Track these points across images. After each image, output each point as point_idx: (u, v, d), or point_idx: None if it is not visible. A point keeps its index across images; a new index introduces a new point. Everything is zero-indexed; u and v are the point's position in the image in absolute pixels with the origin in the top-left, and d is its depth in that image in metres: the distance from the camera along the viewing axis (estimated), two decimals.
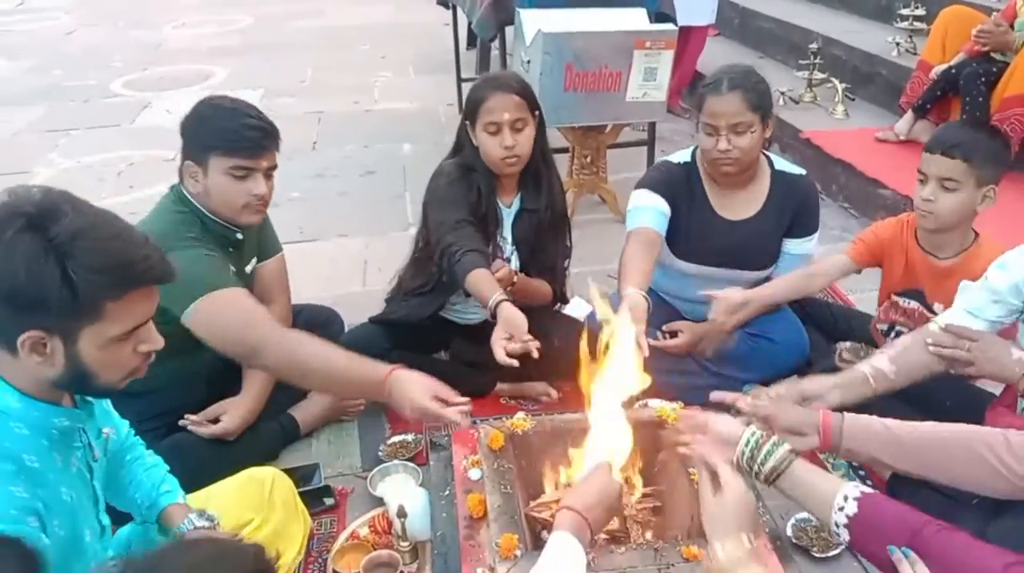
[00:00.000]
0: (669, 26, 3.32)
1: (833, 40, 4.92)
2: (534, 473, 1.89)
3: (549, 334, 2.50)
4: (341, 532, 2.08)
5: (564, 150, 3.81)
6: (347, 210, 4.11)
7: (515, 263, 2.47)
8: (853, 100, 4.60)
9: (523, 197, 2.46)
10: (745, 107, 2.20)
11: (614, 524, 1.74)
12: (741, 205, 2.42)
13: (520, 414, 2.01)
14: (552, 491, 1.83)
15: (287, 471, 2.24)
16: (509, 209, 2.47)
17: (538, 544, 1.77)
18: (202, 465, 2.01)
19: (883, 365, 1.87)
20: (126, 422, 1.72)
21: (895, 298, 2.29)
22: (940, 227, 2.10)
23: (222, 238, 2.12)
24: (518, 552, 1.61)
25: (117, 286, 1.24)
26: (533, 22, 3.27)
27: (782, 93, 4.66)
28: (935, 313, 2.17)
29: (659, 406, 2.00)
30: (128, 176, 4.55)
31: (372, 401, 2.45)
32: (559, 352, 2.44)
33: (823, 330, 2.55)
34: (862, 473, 2.20)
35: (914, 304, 2.24)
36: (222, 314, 1.96)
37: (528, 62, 3.34)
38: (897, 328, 2.31)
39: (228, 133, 1.99)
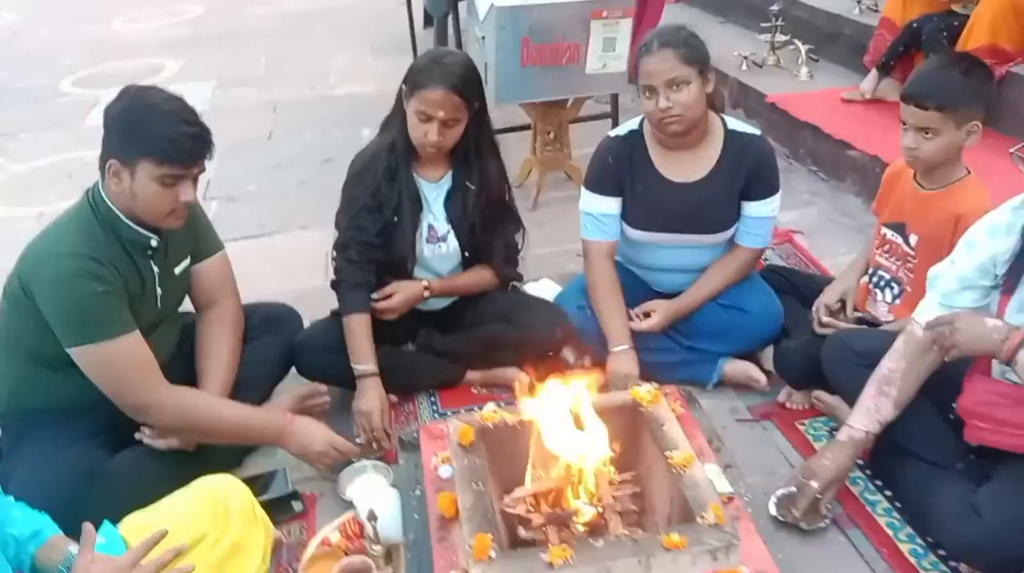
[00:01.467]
0: None
1: (795, 2, 4.84)
2: (508, 467, 1.81)
3: (513, 317, 2.44)
4: (311, 539, 2.00)
5: (526, 127, 3.72)
6: (307, 201, 3.99)
7: (452, 243, 2.40)
8: (817, 61, 4.54)
9: (456, 173, 2.38)
10: (678, 61, 2.16)
11: (592, 515, 1.67)
12: (690, 167, 2.35)
13: (490, 405, 1.94)
14: (528, 484, 1.76)
15: (251, 479, 2.15)
16: (437, 184, 2.39)
17: (515, 541, 1.71)
18: (159, 478, 1.92)
19: (889, 415, 1.88)
20: None
21: (883, 230, 2.24)
22: (928, 168, 2.10)
23: (135, 244, 2.01)
24: (492, 553, 1.54)
25: None
26: None
27: (745, 57, 4.59)
28: (911, 247, 2.14)
29: (632, 389, 1.93)
30: (80, 177, 4.37)
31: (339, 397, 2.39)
32: (527, 334, 2.40)
33: (796, 296, 2.49)
34: None
35: (897, 238, 2.20)
36: (112, 366, 1.95)
37: (483, 38, 3.24)
38: (880, 273, 2.25)
39: (164, 141, 1.86)
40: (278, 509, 2.10)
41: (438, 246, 2.39)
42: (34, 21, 8.33)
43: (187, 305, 2.33)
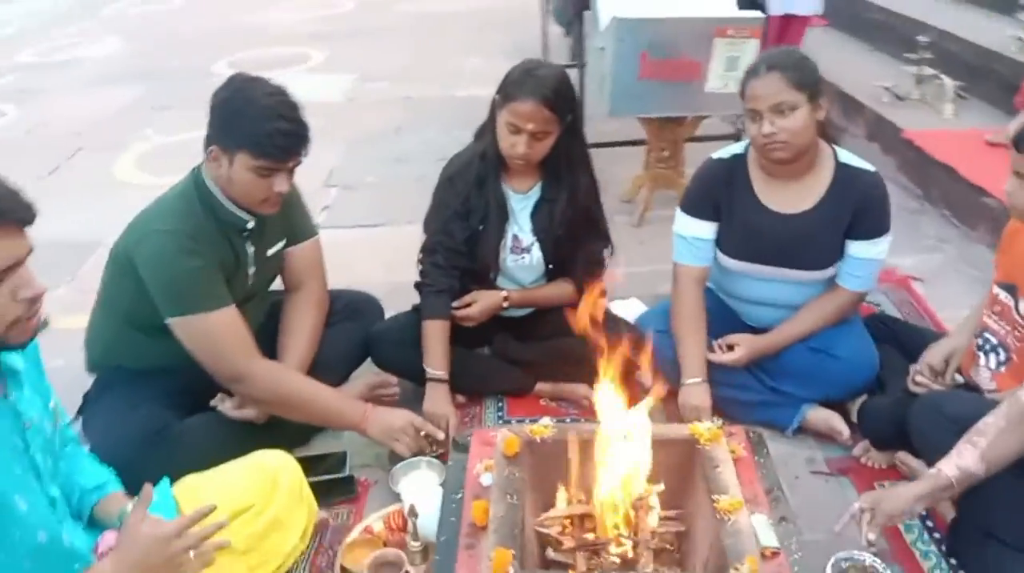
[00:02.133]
0: (755, 13, 3.11)
1: (947, 33, 4.54)
2: (552, 483, 1.77)
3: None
4: (356, 525, 2.03)
5: (640, 142, 3.66)
6: (419, 197, 4.04)
7: (536, 254, 2.37)
8: (965, 99, 4.24)
9: (545, 185, 2.35)
10: (786, 85, 2.05)
11: (625, 547, 1.61)
12: (793, 197, 2.23)
13: (545, 420, 1.90)
14: (564, 505, 1.71)
15: (313, 457, 2.22)
16: (525, 195, 2.37)
17: (544, 562, 1.67)
18: (224, 446, 2.00)
19: (971, 465, 1.67)
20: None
21: (995, 289, 2.03)
22: None
23: (231, 225, 2.10)
24: (511, 569, 1.51)
25: None
26: (609, 7, 3.12)
27: (886, 89, 4.34)
28: (1020, 314, 1.94)
29: (693, 424, 1.85)
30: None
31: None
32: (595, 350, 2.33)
33: (898, 346, 2.32)
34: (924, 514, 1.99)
35: (1009, 300, 1.98)
36: (209, 337, 2.03)
37: (602, 49, 3.20)
38: (987, 336, 2.05)
39: (260, 136, 1.93)
40: (332, 490, 2.15)
41: (522, 257, 2.38)
42: (198, 6, 8.89)
43: (277, 283, 2.41)
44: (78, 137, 5.05)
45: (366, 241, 3.67)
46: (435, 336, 2.31)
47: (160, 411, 2.08)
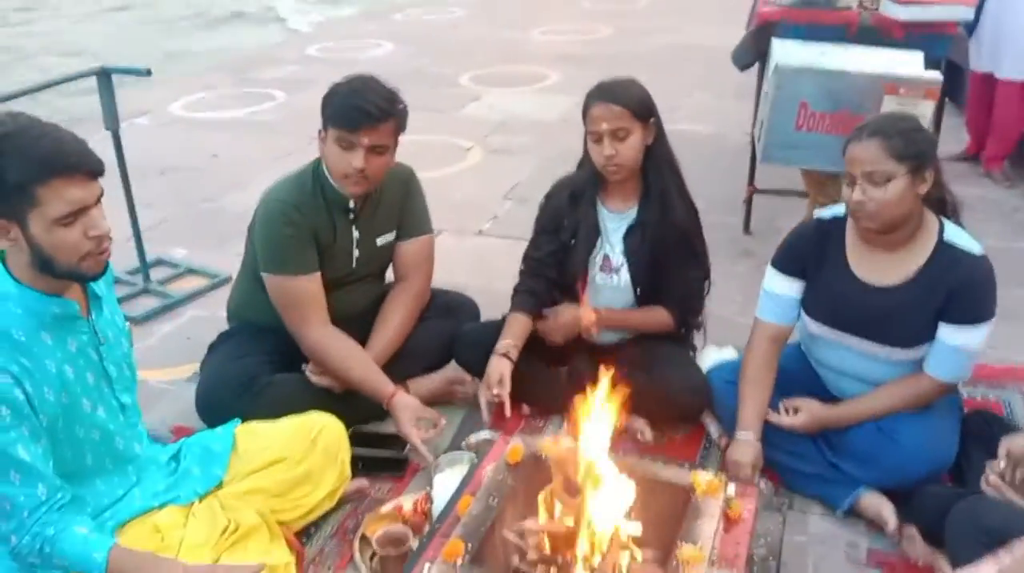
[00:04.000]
0: (933, 74, 2.89)
1: None
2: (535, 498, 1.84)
3: (654, 367, 2.40)
4: (390, 501, 2.22)
5: (803, 194, 3.53)
6: None
7: (624, 276, 2.43)
8: None
9: (640, 209, 2.40)
10: (884, 154, 1.95)
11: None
12: (885, 270, 2.11)
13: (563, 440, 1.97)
14: (538, 521, 1.78)
15: (380, 435, 2.44)
16: (620, 215, 2.43)
17: (509, 569, 1.75)
18: (299, 406, 2.24)
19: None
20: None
21: None
22: None
23: (335, 202, 2.38)
24: (459, 561, 1.62)
25: (42, 172, 1.52)
26: (780, 53, 3.07)
27: None
28: None
29: (697, 472, 1.83)
30: (423, 158, 5.06)
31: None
32: (654, 388, 2.35)
33: (983, 442, 2.10)
34: None
35: None
36: (284, 296, 2.35)
37: (766, 93, 3.15)
38: None
39: (338, 108, 2.25)
40: (383, 466, 2.36)
41: (611, 277, 2.46)
42: (472, 19, 9.61)
43: None
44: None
45: (509, 251, 3.86)
46: (512, 322, 2.46)
47: (256, 365, 2.40)
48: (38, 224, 1.55)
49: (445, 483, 2.16)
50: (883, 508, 2.08)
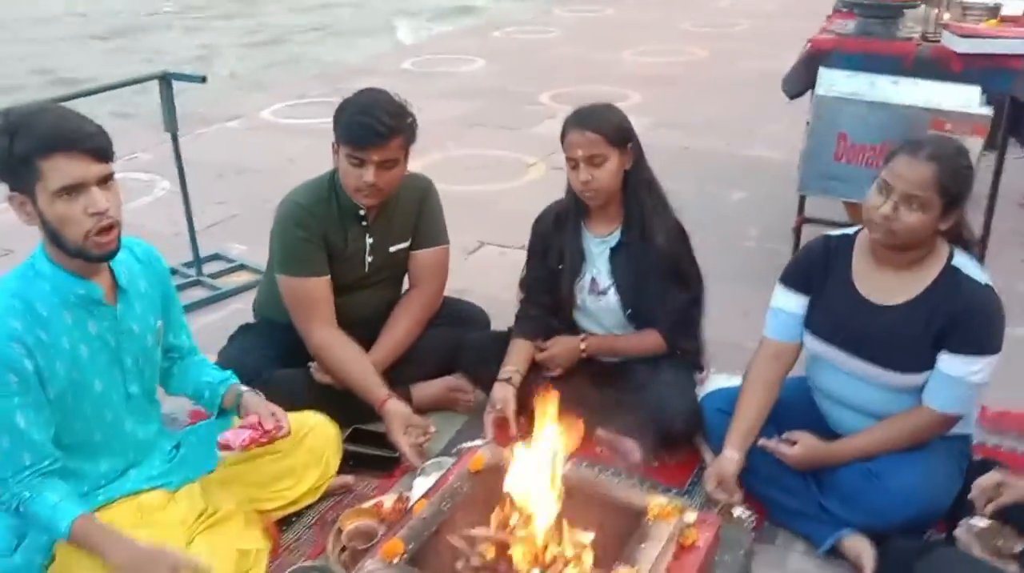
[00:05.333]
0: (982, 109, 2.77)
1: None
2: (491, 507, 1.86)
3: (644, 389, 2.39)
4: (373, 498, 2.27)
5: (847, 225, 3.41)
6: None
7: (612, 297, 2.44)
8: None
9: (623, 231, 2.41)
10: (933, 183, 1.91)
11: None
12: (888, 289, 2.07)
13: (517, 447, 1.97)
14: (486, 529, 1.80)
15: (375, 432, 2.50)
16: (603, 239, 2.44)
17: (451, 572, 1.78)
18: (303, 402, 2.30)
19: None
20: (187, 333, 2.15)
21: None
22: None
23: (348, 210, 2.47)
24: (395, 560, 1.66)
25: (44, 147, 1.64)
26: (824, 82, 3.00)
27: None
28: None
29: (656, 498, 1.81)
30: (484, 172, 5.14)
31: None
32: (642, 411, 2.34)
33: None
34: None
35: None
36: (293, 295, 2.45)
37: (808, 122, 3.09)
38: None
39: (347, 126, 2.33)
40: (375, 464, 2.43)
41: (599, 299, 2.47)
42: (567, 39, 9.68)
43: None
44: None
45: None
46: (514, 349, 2.53)
47: (263, 359, 2.50)
48: (43, 197, 1.69)
49: (423, 486, 2.21)
50: (863, 553, 2.01)
